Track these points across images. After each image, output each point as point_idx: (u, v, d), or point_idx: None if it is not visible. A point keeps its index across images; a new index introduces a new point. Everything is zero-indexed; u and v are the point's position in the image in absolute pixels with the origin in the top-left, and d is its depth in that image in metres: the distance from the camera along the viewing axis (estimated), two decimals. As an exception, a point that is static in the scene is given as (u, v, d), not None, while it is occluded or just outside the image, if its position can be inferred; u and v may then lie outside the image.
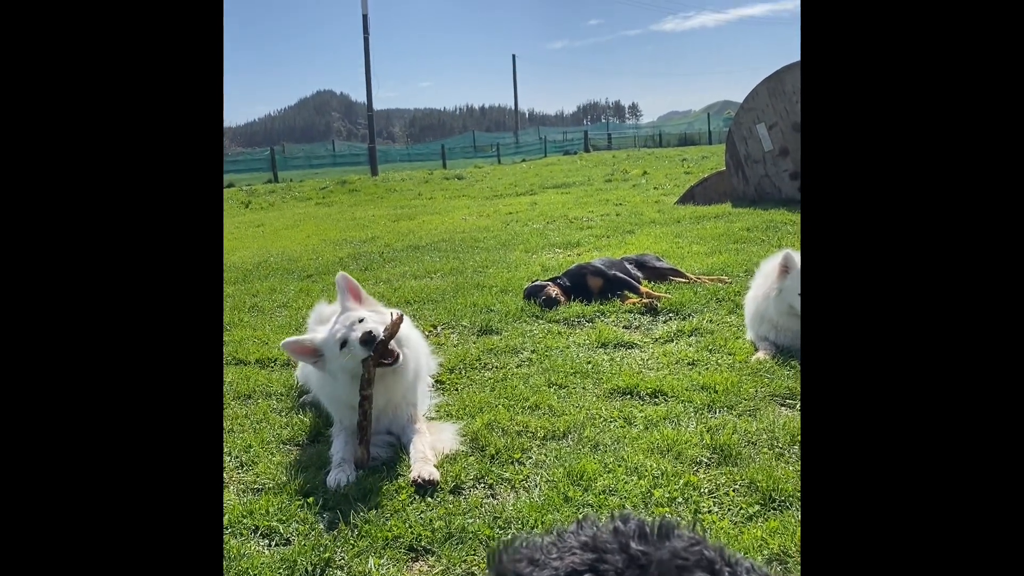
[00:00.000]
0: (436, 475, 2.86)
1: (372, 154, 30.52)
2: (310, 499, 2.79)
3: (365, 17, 30.21)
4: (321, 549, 2.44)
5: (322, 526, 2.62)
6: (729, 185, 11.27)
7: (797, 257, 4.22)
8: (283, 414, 3.75)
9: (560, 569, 1.04)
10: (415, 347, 3.50)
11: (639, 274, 5.93)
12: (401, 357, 3.20)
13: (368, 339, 3.09)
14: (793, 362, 3.95)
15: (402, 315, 3.24)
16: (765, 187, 10.86)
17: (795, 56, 11.38)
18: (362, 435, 3.08)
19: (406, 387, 3.36)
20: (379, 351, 3.10)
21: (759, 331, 4.33)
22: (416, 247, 8.99)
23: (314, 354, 3.28)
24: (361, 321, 3.20)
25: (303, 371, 4.07)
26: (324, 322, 3.90)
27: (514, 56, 58.57)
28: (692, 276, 6.07)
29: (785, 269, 4.20)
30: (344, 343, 3.16)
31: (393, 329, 3.14)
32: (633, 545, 1.03)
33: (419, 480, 2.83)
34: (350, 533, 2.54)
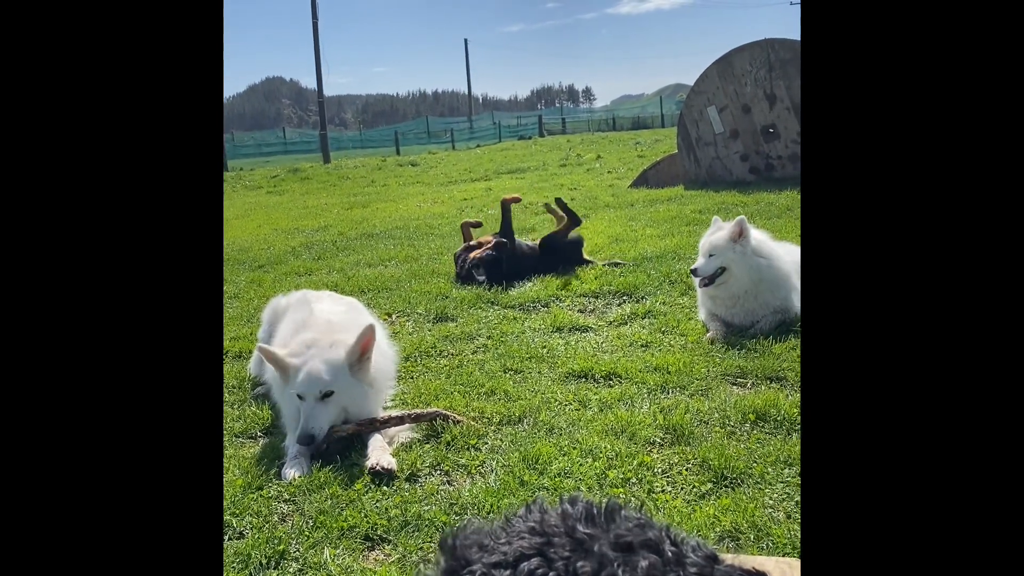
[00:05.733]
0: (393, 463, 2.85)
1: (324, 141, 30.09)
2: (264, 491, 2.76)
3: (314, 2, 29.72)
4: (275, 541, 2.41)
5: (276, 518, 2.59)
6: (681, 168, 11.38)
7: (712, 238, 4.37)
8: (235, 407, 3.70)
9: (508, 554, 1.04)
10: (383, 355, 3.47)
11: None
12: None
13: (306, 441, 3.02)
14: (744, 342, 4.02)
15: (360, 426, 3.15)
16: (716, 169, 10.99)
17: (747, 38, 11.52)
18: (367, 427, 3.12)
19: (374, 400, 3.35)
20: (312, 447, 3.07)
21: (710, 308, 4.40)
22: (370, 235, 8.91)
23: (283, 370, 3.18)
24: (326, 396, 3.09)
25: (257, 363, 4.01)
26: (279, 316, 3.84)
27: (466, 40, 58.18)
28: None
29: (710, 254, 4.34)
30: (300, 397, 3.09)
31: (348, 433, 3.11)
32: (580, 528, 1.04)
33: (376, 468, 2.81)
34: (305, 524, 2.52)
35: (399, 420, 3.16)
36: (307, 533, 2.47)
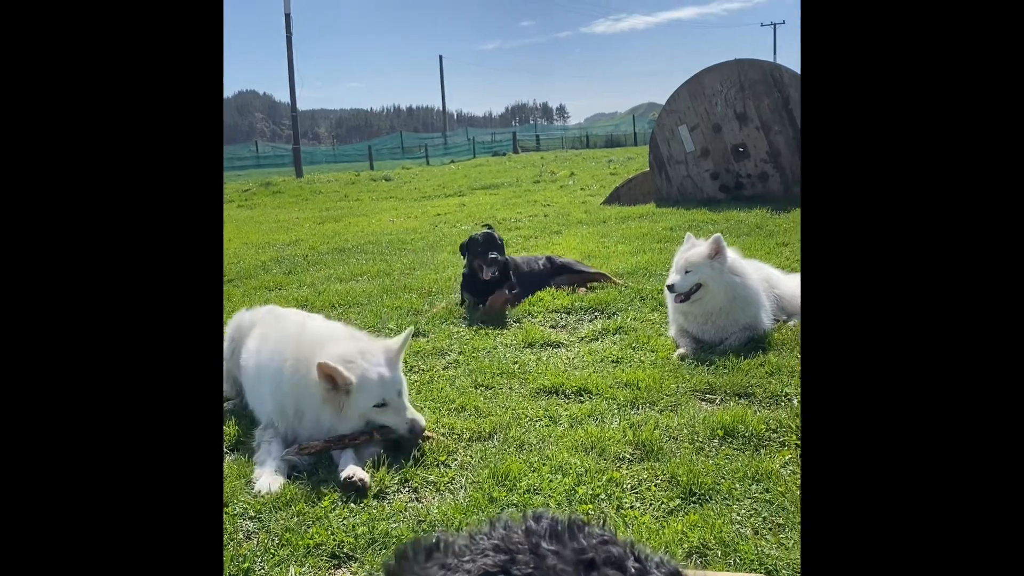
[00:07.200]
0: (367, 477, 2.82)
1: (296, 155, 29.95)
2: (228, 508, 2.71)
3: (288, 16, 29.63)
4: (240, 559, 2.38)
5: (241, 535, 2.55)
6: (653, 185, 11.48)
7: (689, 254, 4.37)
8: (202, 423, 3.64)
9: (472, 572, 1.03)
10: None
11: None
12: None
13: (417, 431, 3.13)
14: (713, 358, 4.05)
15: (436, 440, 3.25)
16: (687, 187, 11.10)
17: (718, 59, 11.69)
18: (335, 444, 3.11)
19: None
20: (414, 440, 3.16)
21: (681, 324, 4.43)
22: (342, 249, 8.86)
23: (341, 384, 3.09)
24: (399, 394, 3.18)
25: (225, 376, 3.96)
26: (244, 331, 3.76)
27: (441, 57, 58.32)
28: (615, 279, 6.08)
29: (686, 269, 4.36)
30: (382, 404, 3.12)
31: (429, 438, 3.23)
32: (544, 545, 1.03)
33: (352, 479, 2.78)
34: (270, 542, 2.48)
35: (368, 436, 3.14)
36: (272, 551, 2.43)
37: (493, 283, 5.48)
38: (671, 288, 4.33)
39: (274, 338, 3.50)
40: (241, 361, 3.65)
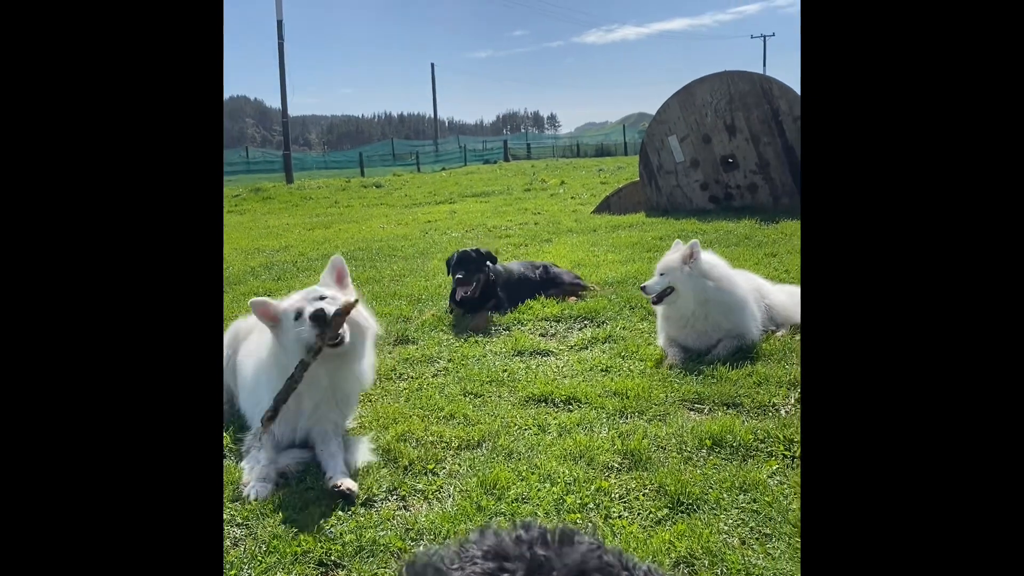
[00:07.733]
0: (355, 486, 2.82)
1: (287, 161, 29.86)
2: (216, 516, 2.70)
3: (280, 23, 29.64)
4: (227, 567, 2.37)
5: (228, 542, 2.54)
6: (643, 195, 11.52)
7: (666, 258, 4.49)
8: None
9: (461, 580, 1.04)
10: (368, 349, 3.46)
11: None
12: (347, 338, 3.13)
13: (318, 316, 3.03)
14: (701, 367, 4.07)
15: (356, 301, 3.22)
16: (677, 197, 11.15)
17: (708, 70, 11.75)
18: (283, 395, 3.08)
19: (349, 376, 3.30)
20: (327, 331, 3.05)
21: (668, 332, 4.45)
22: (331, 256, 8.84)
23: (275, 320, 3.22)
24: (322, 298, 3.16)
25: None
26: (240, 339, 3.79)
27: (432, 65, 58.54)
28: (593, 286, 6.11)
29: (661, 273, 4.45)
30: (299, 314, 3.13)
31: (344, 309, 3.10)
32: (534, 553, 1.04)
33: (341, 488, 2.78)
34: (258, 549, 2.47)
35: (302, 367, 3.07)
36: (260, 558, 2.42)
37: (482, 297, 5.49)
38: (644, 289, 4.47)
39: (253, 345, 3.51)
40: (238, 361, 3.66)
